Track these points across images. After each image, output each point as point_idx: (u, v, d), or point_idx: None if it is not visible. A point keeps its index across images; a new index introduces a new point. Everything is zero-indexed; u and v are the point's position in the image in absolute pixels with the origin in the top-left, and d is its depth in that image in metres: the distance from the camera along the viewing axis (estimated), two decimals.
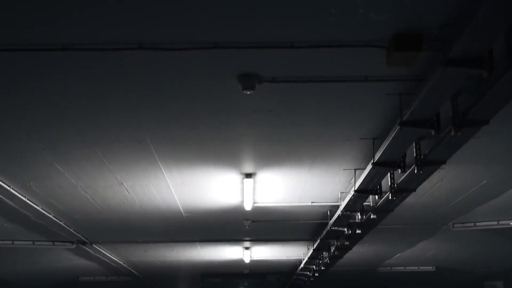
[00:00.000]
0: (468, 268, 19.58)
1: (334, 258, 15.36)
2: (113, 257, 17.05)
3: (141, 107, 6.89)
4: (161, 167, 8.96)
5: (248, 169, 9.21)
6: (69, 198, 10.64)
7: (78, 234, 13.72)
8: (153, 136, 7.71)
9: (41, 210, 11.23)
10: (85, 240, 14.43)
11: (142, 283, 22.63)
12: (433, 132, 6.45)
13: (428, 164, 7.59)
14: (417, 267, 19.40)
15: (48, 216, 11.76)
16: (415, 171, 7.65)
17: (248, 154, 8.56)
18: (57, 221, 12.20)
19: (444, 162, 7.61)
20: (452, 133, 6.29)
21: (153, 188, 10.11)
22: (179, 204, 11.28)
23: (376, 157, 7.70)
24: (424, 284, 23.37)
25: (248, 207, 11.03)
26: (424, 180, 8.48)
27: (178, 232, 14.09)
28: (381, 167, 7.82)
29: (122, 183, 9.79)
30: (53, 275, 20.05)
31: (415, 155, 7.54)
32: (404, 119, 6.31)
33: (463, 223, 13.04)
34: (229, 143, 8.01)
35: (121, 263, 18.10)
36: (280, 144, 8.14)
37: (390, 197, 9.12)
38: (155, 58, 5.65)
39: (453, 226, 13.20)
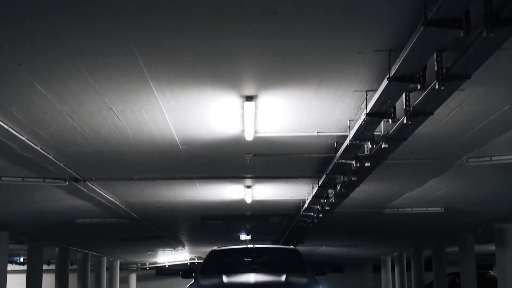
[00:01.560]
0: (477, 209, 18.93)
1: (339, 197, 14.65)
2: (109, 197, 16.36)
3: (126, 11, 6.04)
4: (153, 87, 8.12)
5: (249, 90, 8.36)
6: (55, 126, 9.84)
7: (69, 170, 12.97)
8: (140, 47, 6.84)
9: (26, 141, 10.45)
10: (78, 177, 13.68)
11: (141, 226, 22.01)
12: (462, 33, 5.57)
13: (451, 79, 6.75)
14: (425, 208, 18.70)
15: (35, 149, 10.98)
16: (436, 87, 6.82)
17: (248, 70, 7.70)
18: (46, 154, 11.43)
19: (469, 77, 6.77)
20: (484, 34, 5.42)
21: (145, 114, 9.29)
22: (174, 134, 10.49)
23: (393, 71, 6.85)
24: (432, 226, 22.78)
25: (249, 137, 10.22)
26: (444, 100, 7.64)
27: (175, 168, 13.33)
28: (398, 82, 6.97)
29: (111, 108, 8.96)
30: (48, 216, 19.43)
31: (436, 68, 6.71)
32: (430, 17, 5.44)
33: (478, 157, 12.24)
34: (226, 55, 7.15)
35: (118, 203, 17.42)
36: (284, 58, 7.29)
37: (404, 122, 8.33)
38: None
39: (467, 160, 12.41)
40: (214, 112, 9.32)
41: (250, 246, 12.05)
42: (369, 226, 23.07)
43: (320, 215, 17.49)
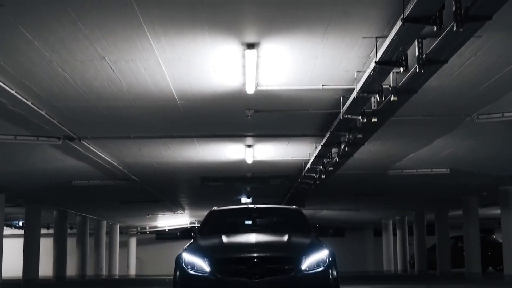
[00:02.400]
0: (483, 171, 18.48)
1: (343, 157, 14.19)
2: (106, 157, 15.89)
3: None
4: (148, 33, 7.58)
5: (251, 37, 7.82)
6: (45, 78, 9.32)
7: (63, 128, 12.47)
8: None
9: (16, 95, 9.94)
10: (72, 135, 13.19)
11: (140, 188, 21.60)
12: None
13: (470, 20, 6.22)
14: (430, 170, 18.22)
15: (26, 104, 10.48)
16: (454, 29, 6.29)
17: (250, 14, 7.16)
18: (38, 109, 10.93)
19: (490, 18, 6.24)
20: None
21: (140, 64, 8.76)
22: (172, 87, 9.96)
23: (407, 11, 6.31)
24: (436, 189, 22.36)
25: (250, 90, 9.69)
26: (460, 45, 7.12)
27: (173, 126, 12.84)
28: (412, 24, 6.43)
29: (104, 57, 8.42)
30: (45, 178, 18.99)
31: (454, 8, 6.17)
32: None
33: (489, 113, 11.74)
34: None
35: (115, 164, 16.96)
36: (288, 1, 6.75)
37: (417, 70, 7.82)
38: None
39: (477, 117, 11.91)
40: (214, 62, 8.78)
41: (251, 205, 11.56)
42: (372, 188, 22.64)
43: (323, 176, 17.04)
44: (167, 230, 39.29)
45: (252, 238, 9.45)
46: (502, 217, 21.64)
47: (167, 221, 36.92)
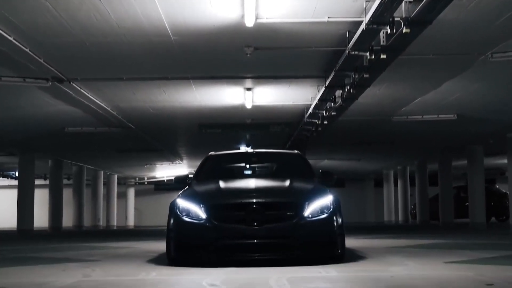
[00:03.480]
0: (492, 117, 17.81)
1: (347, 100, 13.48)
2: (98, 102, 15.18)
3: None
4: None
5: None
6: (27, 10, 8.58)
7: (50, 67, 11.74)
8: None
9: None
10: (61, 76, 12.45)
11: (136, 136, 20.95)
12: None
13: None
14: (436, 116, 17.54)
15: (8, 39, 9.76)
16: None
17: None
18: (21, 46, 10.21)
19: None
20: None
21: None
22: (165, 21, 9.21)
23: None
24: (441, 136, 21.72)
25: (249, 22, 8.93)
26: None
27: (168, 66, 12.09)
28: None
29: None
30: (36, 124, 18.29)
31: None
32: None
33: (505, 51, 11.01)
34: None
35: (109, 109, 16.26)
36: None
37: None
38: None
39: (491, 56, 11.19)
40: None
41: (251, 150, 10.90)
42: (375, 136, 21.97)
43: (325, 122, 16.36)
44: (165, 180, 38.82)
45: (252, 183, 8.82)
46: (509, 165, 21.09)
47: (166, 171, 36.41)
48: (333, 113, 15.01)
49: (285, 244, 7.65)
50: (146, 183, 41.80)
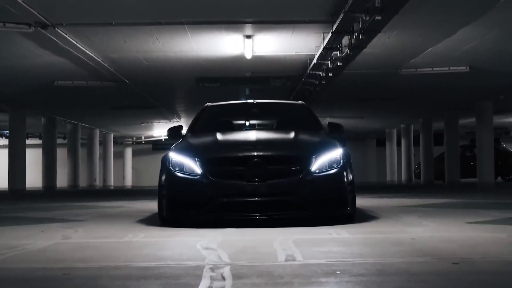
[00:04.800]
0: (506, 69, 16.84)
1: (355, 48, 12.52)
2: (88, 52, 14.18)
3: None
4: None
5: None
6: None
7: (32, 10, 10.75)
8: None
9: None
10: (45, 21, 11.45)
11: (130, 91, 19.97)
12: None
13: None
14: (447, 68, 16.57)
15: None
16: None
17: None
18: None
19: None
20: None
21: None
22: None
23: None
24: (450, 91, 20.76)
25: None
26: None
27: (160, 8, 11.06)
28: None
29: None
30: (24, 76, 17.32)
31: None
32: None
33: None
34: None
35: (100, 61, 15.27)
36: None
37: None
38: None
39: None
40: None
41: (251, 100, 9.96)
42: (381, 91, 20.99)
43: (330, 75, 15.41)
44: (163, 140, 37.95)
45: (252, 135, 7.84)
46: None
47: (163, 130, 35.50)
48: (338, 64, 14.04)
49: (289, 202, 6.76)
50: (143, 142, 40.98)
